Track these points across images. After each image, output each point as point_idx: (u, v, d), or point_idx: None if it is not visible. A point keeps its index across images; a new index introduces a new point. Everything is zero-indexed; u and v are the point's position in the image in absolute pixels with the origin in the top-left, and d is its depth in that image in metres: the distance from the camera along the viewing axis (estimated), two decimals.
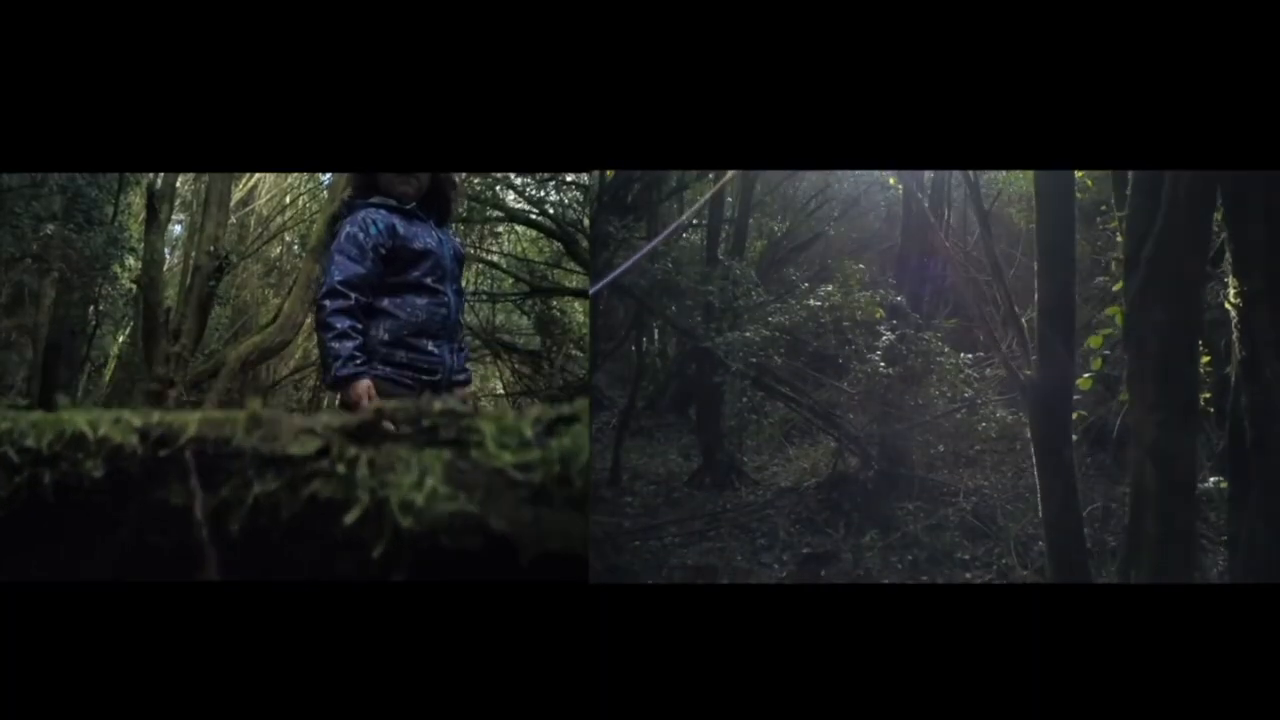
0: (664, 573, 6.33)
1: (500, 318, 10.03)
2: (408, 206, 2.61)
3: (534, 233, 8.91)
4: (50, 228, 5.78)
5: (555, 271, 9.47)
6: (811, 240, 10.08)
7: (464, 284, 2.92)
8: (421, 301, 2.52)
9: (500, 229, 9.42)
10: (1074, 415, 3.26)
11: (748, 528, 7.29)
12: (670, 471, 8.82)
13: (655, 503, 7.83)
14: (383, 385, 2.44)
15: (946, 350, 7.15)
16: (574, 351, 8.76)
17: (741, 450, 8.97)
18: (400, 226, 2.53)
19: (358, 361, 2.38)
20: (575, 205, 8.31)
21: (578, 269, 8.71)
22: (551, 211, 8.44)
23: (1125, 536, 2.37)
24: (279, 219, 11.95)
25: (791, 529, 7.31)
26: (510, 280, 9.56)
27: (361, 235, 2.47)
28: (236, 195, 10.77)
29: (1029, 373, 2.93)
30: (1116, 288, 3.64)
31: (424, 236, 2.57)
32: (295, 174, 11.87)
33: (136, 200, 7.47)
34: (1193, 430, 2.13)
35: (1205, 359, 3.09)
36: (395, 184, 2.61)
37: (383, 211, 2.55)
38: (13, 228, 5.50)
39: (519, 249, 10.02)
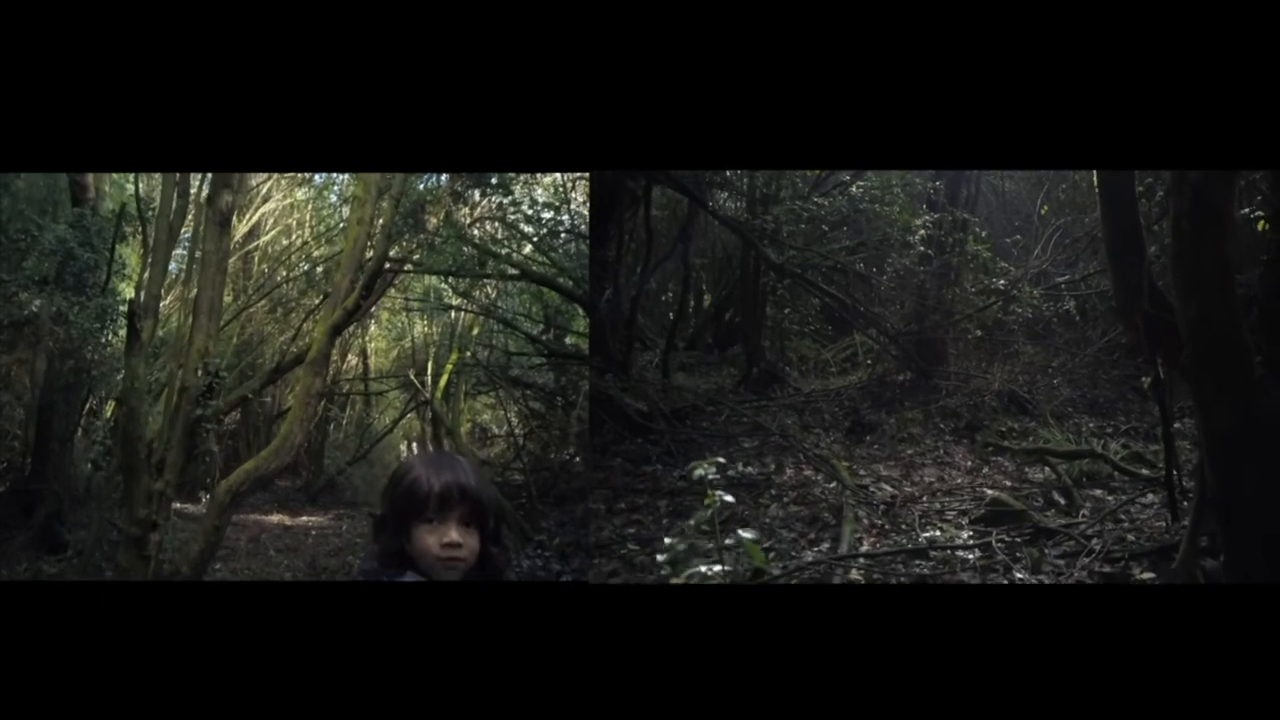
0: (721, 422, 6.72)
1: (512, 347, 10.07)
2: None
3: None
4: (37, 303, 5.43)
5: (567, 307, 9.28)
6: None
7: (474, 334, 2.47)
8: None
9: (509, 284, 9.41)
10: None
11: (795, 408, 7.67)
12: (717, 386, 9.19)
13: (704, 402, 8.20)
14: None
15: (985, 236, 7.53)
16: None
17: (784, 361, 9.36)
18: None
19: None
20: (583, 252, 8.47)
21: (583, 330, 8.75)
22: (557, 258, 8.38)
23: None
24: (284, 241, 12.10)
25: (835, 411, 7.67)
26: (519, 333, 9.56)
27: None
28: (241, 229, 10.82)
29: None
30: None
31: None
32: (299, 209, 12.18)
33: (133, 259, 7.16)
34: None
35: None
36: (437, 567, 1.52)
37: None
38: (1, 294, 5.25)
39: (533, 289, 10.03)
